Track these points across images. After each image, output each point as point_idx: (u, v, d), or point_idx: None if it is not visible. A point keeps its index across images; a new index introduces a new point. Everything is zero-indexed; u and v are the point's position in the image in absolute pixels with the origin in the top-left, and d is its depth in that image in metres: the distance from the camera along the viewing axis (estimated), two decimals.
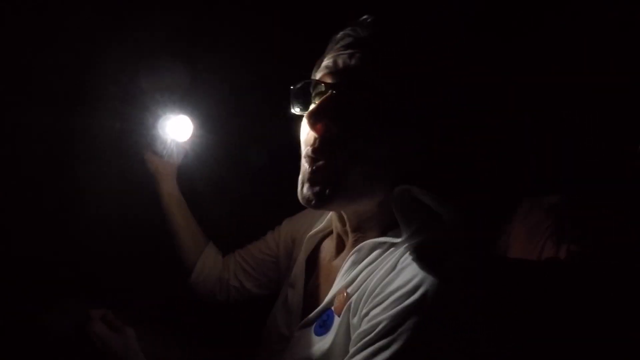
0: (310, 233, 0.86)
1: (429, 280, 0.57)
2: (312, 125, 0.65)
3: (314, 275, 0.82)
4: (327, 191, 0.65)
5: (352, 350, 0.60)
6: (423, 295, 0.56)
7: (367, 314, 0.61)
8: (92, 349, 0.71)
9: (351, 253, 0.71)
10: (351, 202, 0.68)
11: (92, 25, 1.04)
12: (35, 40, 1.01)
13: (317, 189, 0.66)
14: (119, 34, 1.06)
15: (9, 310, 0.93)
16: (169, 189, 1.03)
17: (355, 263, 0.69)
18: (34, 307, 0.91)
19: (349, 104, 0.64)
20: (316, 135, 0.66)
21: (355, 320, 0.63)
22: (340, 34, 0.69)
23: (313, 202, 0.66)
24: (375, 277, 0.63)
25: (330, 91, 0.66)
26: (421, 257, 0.60)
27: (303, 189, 0.68)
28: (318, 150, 0.66)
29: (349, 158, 0.64)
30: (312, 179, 0.67)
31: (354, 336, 0.62)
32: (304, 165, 0.69)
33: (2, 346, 0.84)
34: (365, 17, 0.69)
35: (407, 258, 0.61)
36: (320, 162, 0.66)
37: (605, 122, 1.15)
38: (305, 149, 0.69)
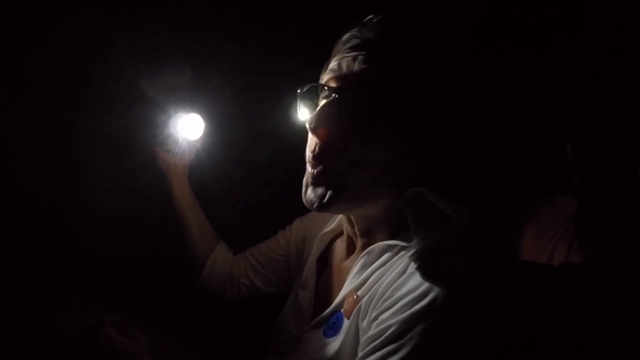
0: (322, 233, 0.86)
1: (439, 285, 0.57)
2: (313, 131, 0.66)
3: (325, 275, 0.82)
4: (329, 194, 0.65)
5: (360, 354, 0.60)
6: (432, 301, 0.56)
7: (376, 317, 0.61)
8: (99, 352, 0.71)
9: (361, 255, 0.71)
10: (354, 205, 0.69)
11: (101, 24, 1.04)
12: (40, 40, 1.00)
13: (319, 192, 0.66)
14: (128, 33, 1.05)
15: (10, 311, 0.92)
16: (181, 187, 1.03)
17: (366, 266, 0.69)
18: (37, 308, 0.90)
19: (350, 108, 0.64)
20: (317, 141, 0.66)
21: (364, 323, 0.64)
22: (346, 35, 0.69)
23: (315, 205, 0.67)
24: (385, 280, 0.63)
25: (333, 95, 0.66)
26: (431, 261, 0.61)
27: (307, 192, 0.68)
28: (317, 156, 0.67)
29: (349, 162, 0.64)
30: (315, 182, 0.67)
31: (362, 340, 0.62)
32: (307, 168, 0.69)
33: (3, 348, 0.84)
34: (370, 17, 0.69)
35: (417, 262, 0.61)
36: (320, 168, 0.66)
37: (605, 122, 1.15)
38: (307, 154, 0.70)
